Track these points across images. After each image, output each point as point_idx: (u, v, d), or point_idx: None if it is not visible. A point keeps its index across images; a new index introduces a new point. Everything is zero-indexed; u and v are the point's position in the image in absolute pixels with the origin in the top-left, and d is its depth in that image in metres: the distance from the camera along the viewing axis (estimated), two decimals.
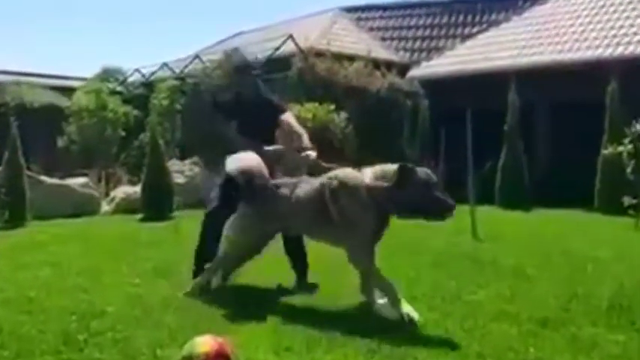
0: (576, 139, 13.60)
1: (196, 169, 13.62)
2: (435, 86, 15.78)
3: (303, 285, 4.89)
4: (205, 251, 4.92)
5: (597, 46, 14.57)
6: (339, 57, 15.04)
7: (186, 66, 17.74)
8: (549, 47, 15.45)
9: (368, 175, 4.00)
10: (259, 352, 3.35)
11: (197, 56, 17.80)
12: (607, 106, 12.77)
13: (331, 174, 4.18)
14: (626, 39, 14.22)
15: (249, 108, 4.83)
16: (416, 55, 19.11)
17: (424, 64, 17.75)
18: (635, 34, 14.20)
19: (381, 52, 17.81)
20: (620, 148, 10.06)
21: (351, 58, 15.30)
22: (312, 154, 4.69)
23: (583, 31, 15.34)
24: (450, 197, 3.84)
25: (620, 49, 14.09)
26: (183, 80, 16.81)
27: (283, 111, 5.02)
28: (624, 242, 7.48)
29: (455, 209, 3.81)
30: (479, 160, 15.01)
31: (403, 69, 16.95)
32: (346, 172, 4.14)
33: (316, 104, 10.00)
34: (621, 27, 14.69)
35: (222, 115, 5.09)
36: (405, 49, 19.32)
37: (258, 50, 16.13)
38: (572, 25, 15.74)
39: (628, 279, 5.06)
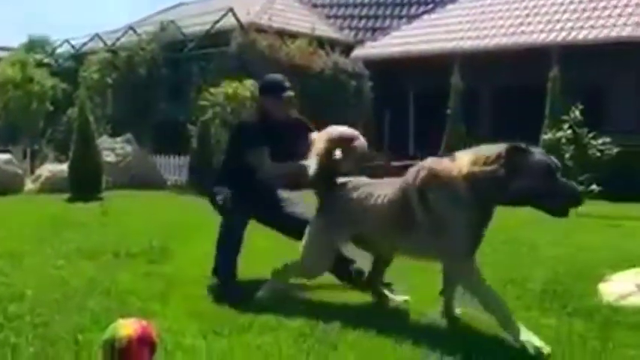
0: (518, 123, 13.57)
1: (128, 148, 13.07)
2: (380, 67, 15.56)
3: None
4: (222, 267, 4.22)
5: (540, 31, 14.59)
6: (281, 34, 14.60)
7: (118, 38, 17.04)
8: (493, 31, 15.39)
9: (464, 160, 3.21)
10: (187, 336, 3.21)
11: (131, 28, 17.14)
12: (548, 91, 12.80)
13: (417, 166, 3.42)
14: (569, 24, 14.28)
15: (279, 132, 4.21)
16: (361, 34, 18.81)
17: (369, 44, 17.50)
18: (578, 19, 14.26)
19: (325, 30, 17.44)
20: (560, 134, 10.05)
21: (294, 36, 14.89)
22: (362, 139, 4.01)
23: (527, 15, 15.35)
24: (574, 184, 3.10)
25: (562, 35, 14.13)
26: (116, 53, 16.09)
27: (310, 131, 4.36)
28: (562, 228, 7.52)
29: (580, 200, 3.10)
30: (422, 142, 14.98)
31: (347, 48, 16.63)
32: (435, 162, 3.36)
33: (255, 81, 9.55)
34: (564, 12, 14.74)
35: (249, 141, 4.28)
36: (350, 28, 18.99)
37: (196, 23, 15.58)
38: (516, 9, 15.73)
39: (563, 264, 5.13)
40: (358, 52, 16.87)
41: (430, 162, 3.37)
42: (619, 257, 5.35)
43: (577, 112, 9.53)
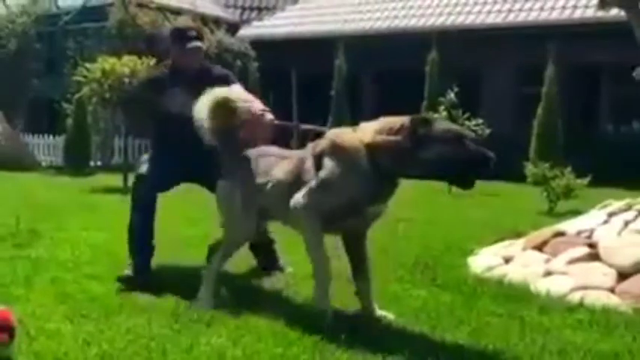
0: (400, 106, 13.93)
1: None
2: (266, 47, 15.46)
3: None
4: (137, 236, 3.92)
5: (421, 16, 15.01)
6: (163, 10, 14.16)
7: None
8: (377, 14, 15.67)
9: (368, 129, 3.07)
10: (52, 320, 3.07)
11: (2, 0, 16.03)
12: (427, 74, 13.26)
13: (321, 139, 3.23)
14: (447, 10, 14.79)
15: (189, 83, 3.87)
16: (247, 13, 18.61)
17: (255, 23, 17.33)
18: (456, 5, 14.81)
19: (210, 8, 17.09)
20: (436, 116, 10.44)
21: (177, 12, 14.47)
22: (268, 115, 3.71)
23: (408, 0, 15.73)
24: (483, 149, 2.92)
25: (441, 20, 14.62)
26: None
27: (230, 82, 4.01)
28: (437, 206, 7.88)
29: (492, 163, 2.89)
30: (307, 123, 15.06)
31: (233, 27, 16.40)
32: (337, 132, 3.24)
33: (135, 58, 9.22)
34: None
35: (160, 88, 3.99)
36: (235, 7, 18.73)
37: None
38: None
39: (435, 239, 5.37)
40: (244, 31, 16.69)
41: (332, 132, 3.26)
42: (486, 232, 5.65)
43: (452, 95, 9.92)
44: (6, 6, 15.31)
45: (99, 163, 12.75)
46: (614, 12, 11.59)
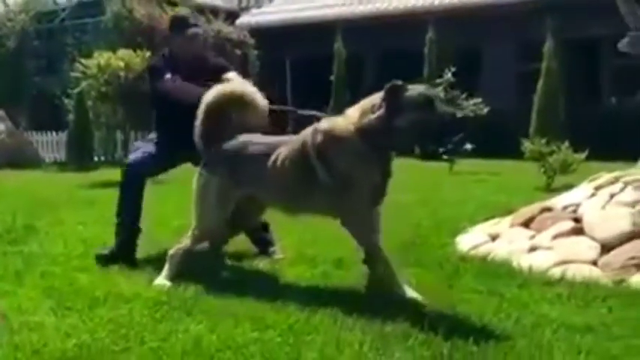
0: None
1: (0, 125, 12.33)
2: (265, 35, 15.43)
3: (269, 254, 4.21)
4: (124, 215, 4.13)
5: None
6: (160, 2, 14.15)
7: None
8: None
9: (354, 114, 3.17)
10: (37, 314, 3.11)
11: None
12: (425, 54, 13.21)
13: (312, 127, 3.34)
14: None
15: (187, 71, 4.04)
16: (245, 1, 18.56)
17: (254, 11, 17.30)
18: None
19: None
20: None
21: (174, 4, 14.46)
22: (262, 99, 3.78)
23: None
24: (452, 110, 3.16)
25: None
26: None
27: (227, 71, 4.13)
28: (435, 185, 7.86)
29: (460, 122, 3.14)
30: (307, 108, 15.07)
31: (231, 16, 16.36)
32: (329, 121, 3.32)
33: (130, 51, 9.21)
34: None
35: (157, 75, 4.15)
36: None
37: None
38: None
39: (427, 219, 5.37)
40: (243, 19, 16.66)
41: (324, 122, 3.33)
42: (481, 210, 5.65)
43: (449, 75, 9.87)
44: (5, 4, 15.36)
45: (102, 158, 12.82)
46: None
